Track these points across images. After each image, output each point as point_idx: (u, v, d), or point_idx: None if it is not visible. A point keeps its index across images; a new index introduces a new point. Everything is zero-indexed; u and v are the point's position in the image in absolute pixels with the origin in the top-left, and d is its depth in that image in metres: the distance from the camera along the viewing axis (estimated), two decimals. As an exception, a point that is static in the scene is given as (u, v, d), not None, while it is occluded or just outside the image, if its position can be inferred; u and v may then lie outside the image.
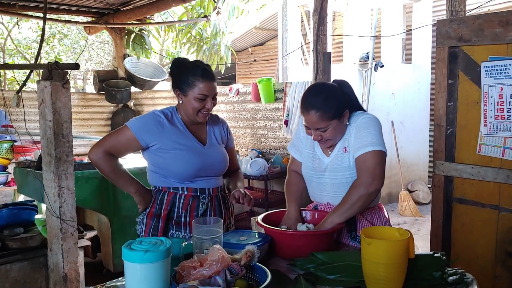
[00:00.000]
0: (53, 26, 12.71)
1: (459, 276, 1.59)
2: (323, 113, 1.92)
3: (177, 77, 2.15)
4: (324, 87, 2.03)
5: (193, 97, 2.09)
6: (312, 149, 2.14)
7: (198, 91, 2.08)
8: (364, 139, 1.95)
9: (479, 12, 5.21)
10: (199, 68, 2.11)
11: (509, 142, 2.53)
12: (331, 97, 1.95)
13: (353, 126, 2.01)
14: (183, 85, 2.11)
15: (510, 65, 2.48)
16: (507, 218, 2.56)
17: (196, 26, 7.76)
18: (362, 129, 1.97)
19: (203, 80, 2.09)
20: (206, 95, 2.10)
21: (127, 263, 1.35)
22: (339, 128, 1.99)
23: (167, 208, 2.16)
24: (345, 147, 2.02)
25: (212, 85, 2.12)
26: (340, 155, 2.03)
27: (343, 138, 2.03)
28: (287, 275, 1.64)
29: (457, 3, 3.25)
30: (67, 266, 3.04)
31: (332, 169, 2.04)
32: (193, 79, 2.09)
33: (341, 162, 2.02)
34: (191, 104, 2.10)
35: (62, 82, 2.91)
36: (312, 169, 2.12)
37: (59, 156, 2.94)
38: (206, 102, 2.11)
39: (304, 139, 2.19)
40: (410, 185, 7.45)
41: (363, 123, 1.99)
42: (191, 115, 2.14)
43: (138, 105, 7.86)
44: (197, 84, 2.08)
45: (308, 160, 2.14)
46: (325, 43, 4.56)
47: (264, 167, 5.25)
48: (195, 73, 2.09)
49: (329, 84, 2.05)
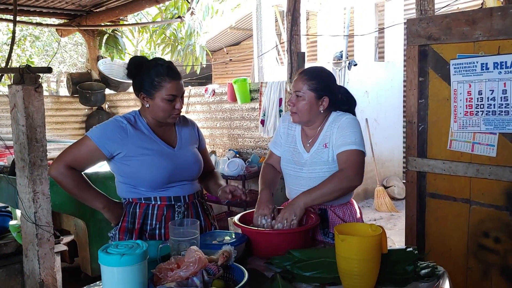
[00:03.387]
0: (24, 28, 12.47)
1: (430, 269, 1.64)
2: (308, 79, 2.06)
3: (139, 79, 1.98)
4: (323, 68, 2.19)
5: (161, 98, 1.94)
6: (294, 143, 2.20)
7: (166, 92, 1.93)
8: (348, 138, 2.03)
9: (448, 11, 5.33)
10: (163, 67, 1.95)
11: (478, 137, 2.60)
12: (322, 76, 2.11)
13: (336, 124, 2.09)
14: (147, 87, 1.95)
15: (477, 63, 2.55)
16: (478, 211, 2.64)
17: (170, 27, 7.71)
18: (346, 128, 2.06)
19: (170, 79, 1.94)
20: (174, 95, 1.96)
21: (104, 267, 1.35)
22: (311, 107, 2.07)
23: (139, 221, 1.99)
24: (326, 143, 2.09)
25: (179, 84, 1.98)
26: (320, 150, 2.10)
27: (324, 135, 2.10)
28: (264, 273, 1.66)
29: (426, 2, 3.32)
30: (44, 272, 3.00)
31: (311, 163, 2.11)
32: (158, 79, 1.93)
33: (320, 157, 2.09)
34: (160, 106, 1.96)
35: (35, 86, 2.88)
36: (291, 162, 2.18)
37: (33, 161, 2.90)
38: (175, 102, 1.97)
39: (284, 135, 2.26)
40: (386, 181, 7.57)
41: (347, 122, 2.08)
42: (161, 118, 2.00)
43: (112, 107, 7.79)
44: (164, 84, 1.93)
45: (288, 153, 2.21)
46: (299, 43, 4.61)
47: (242, 167, 5.27)
48: (160, 72, 1.93)
49: (328, 70, 2.19)
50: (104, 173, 3.70)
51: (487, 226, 2.61)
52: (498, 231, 2.57)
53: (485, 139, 2.57)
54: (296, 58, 4.53)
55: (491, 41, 2.49)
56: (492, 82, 2.50)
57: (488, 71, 2.51)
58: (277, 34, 9.60)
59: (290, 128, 2.25)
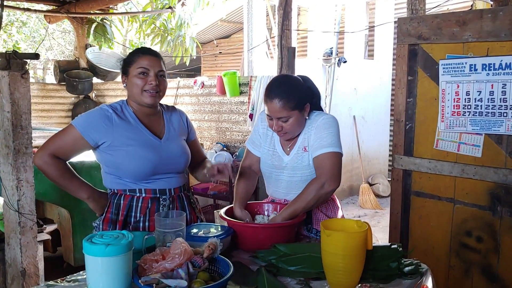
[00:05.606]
0: (11, 13, 12.27)
1: (414, 266, 1.66)
2: (286, 102, 1.95)
3: (123, 65, 2.05)
4: (288, 78, 2.08)
5: (134, 74, 1.96)
6: (273, 146, 2.16)
7: (137, 66, 1.95)
8: (324, 140, 1.99)
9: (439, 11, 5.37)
10: (140, 48, 2.05)
11: (464, 137, 2.63)
12: (295, 88, 1.99)
13: (313, 126, 2.05)
14: (125, 66, 2.01)
15: (466, 63, 2.57)
16: (462, 210, 2.67)
17: (161, 17, 7.65)
18: (323, 129, 2.02)
19: (143, 54, 1.98)
20: (147, 69, 1.95)
21: (88, 257, 1.34)
22: (299, 121, 2.02)
23: (123, 213, 1.98)
24: (305, 146, 2.06)
25: (153, 59, 1.98)
26: (300, 154, 2.06)
27: (303, 138, 2.07)
28: (249, 267, 1.67)
29: (417, 2, 3.34)
30: (26, 261, 2.97)
31: (291, 167, 2.08)
32: (132, 56, 1.99)
33: (301, 161, 2.06)
34: (133, 82, 1.96)
35: (21, 72, 2.83)
36: (271, 166, 2.15)
37: (18, 148, 2.86)
38: (148, 77, 1.95)
39: (263, 136, 2.21)
40: (371, 178, 7.63)
41: (323, 123, 2.03)
42: (136, 96, 1.98)
43: (100, 96, 7.71)
44: (136, 59, 1.97)
45: (268, 157, 2.16)
46: (289, 38, 4.60)
47: (229, 160, 5.27)
48: (136, 51, 2.01)
49: (293, 77, 2.10)
50: (89, 163, 3.67)
51: (470, 226, 2.65)
52: (480, 231, 2.61)
53: (471, 140, 2.60)
54: (287, 53, 4.52)
55: (480, 43, 2.51)
56: (480, 84, 2.53)
57: (476, 72, 2.53)
58: (268, 28, 9.57)
59: (268, 130, 2.17)
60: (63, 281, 1.57)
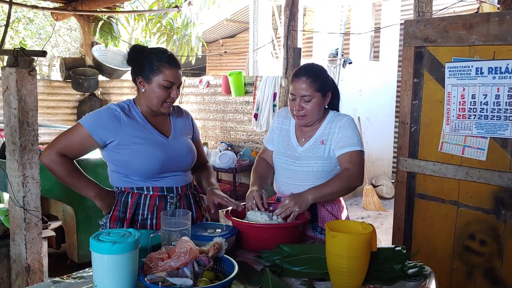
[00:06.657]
0: (18, 10, 12.31)
1: (418, 268, 1.66)
2: (313, 82, 2.05)
3: (139, 63, 1.97)
4: (318, 65, 2.20)
5: (158, 84, 1.93)
6: (287, 137, 2.23)
7: (163, 78, 1.93)
8: (351, 139, 2.09)
9: (445, 13, 5.36)
10: (165, 54, 1.96)
11: (469, 140, 2.63)
12: (322, 73, 2.12)
13: (336, 124, 2.13)
14: (146, 71, 1.94)
15: (472, 67, 2.57)
16: (465, 213, 2.67)
17: (167, 16, 7.67)
18: (349, 129, 2.11)
19: (170, 66, 1.94)
20: (172, 83, 1.95)
21: (95, 254, 1.35)
22: (319, 106, 2.10)
23: (131, 211, 1.98)
24: (323, 139, 2.12)
25: (178, 73, 1.98)
26: (316, 146, 2.13)
27: (322, 132, 2.14)
28: (254, 266, 1.67)
29: (424, 4, 3.34)
30: (30, 257, 2.99)
31: (306, 157, 2.14)
32: (158, 64, 1.93)
33: (316, 152, 2.12)
34: (155, 92, 1.94)
35: (29, 69, 2.86)
36: (284, 155, 2.20)
37: (24, 145, 2.88)
38: (171, 90, 1.96)
39: (277, 129, 2.29)
40: (375, 180, 7.62)
41: (348, 123, 2.13)
42: (154, 106, 1.98)
43: (105, 94, 7.73)
44: (163, 70, 1.93)
45: (281, 146, 2.23)
46: (295, 39, 4.61)
47: (233, 160, 5.28)
48: (161, 58, 1.94)
49: (321, 65, 2.20)
50: (95, 160, 3.69)
51: (473, 229, 2.65)
52: (484, 234, 2.61)
53: (476, 143, 2.60)
54: (292, 54, 4.53)
55: (487, 46, 2.51)
56: (486, 87, 2.52)
57: (482, 75, 2.53)
58: (273, 29, 9.58)
59: (284, 123, 2.28)
60: (69, 278, 1.58)
